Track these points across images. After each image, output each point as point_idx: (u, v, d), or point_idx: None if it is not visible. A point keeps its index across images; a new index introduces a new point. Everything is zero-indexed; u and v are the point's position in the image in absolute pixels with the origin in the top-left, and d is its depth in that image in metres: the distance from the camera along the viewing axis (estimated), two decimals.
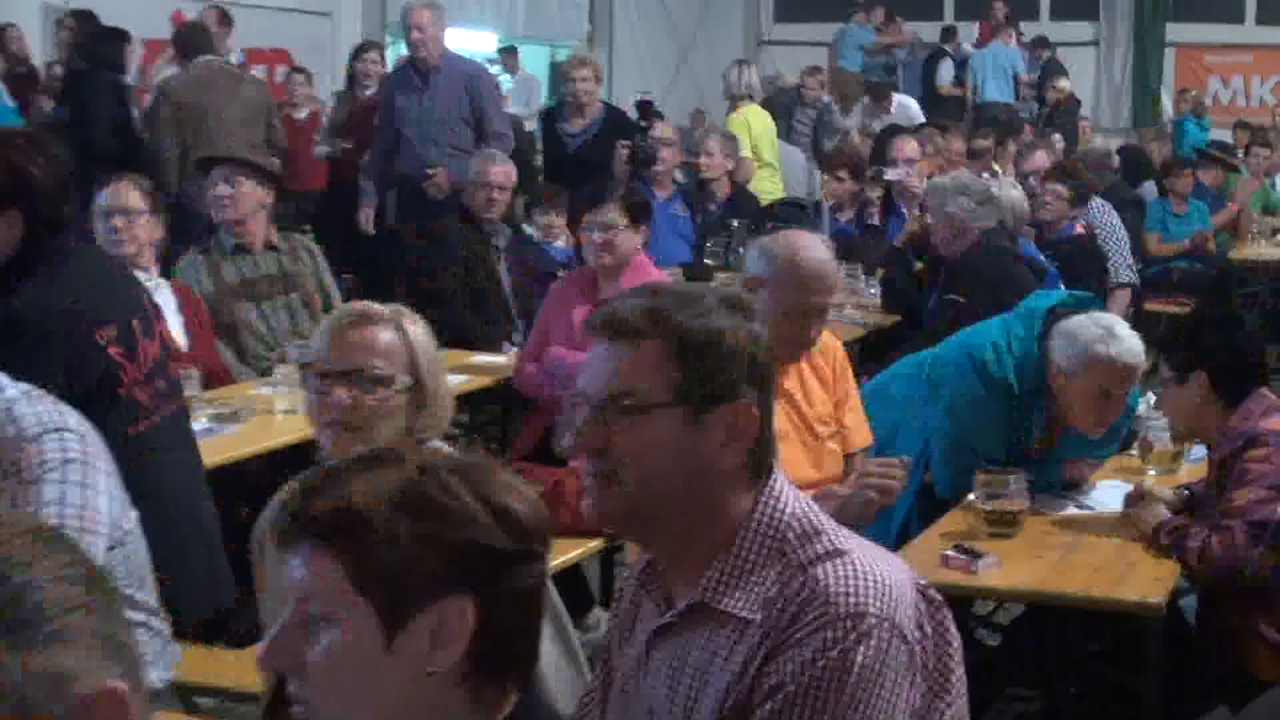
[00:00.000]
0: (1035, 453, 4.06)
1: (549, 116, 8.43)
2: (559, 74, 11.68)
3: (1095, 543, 3.80)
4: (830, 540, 2.11)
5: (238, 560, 3.48)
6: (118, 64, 8.24)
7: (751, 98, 9.83)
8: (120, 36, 8.42)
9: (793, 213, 7.70)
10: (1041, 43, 14.75)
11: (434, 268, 6.33)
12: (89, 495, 2.99)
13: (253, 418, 4.65)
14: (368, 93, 9.52)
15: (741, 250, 7.24)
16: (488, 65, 10.89)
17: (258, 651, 1.72)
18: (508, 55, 12.96)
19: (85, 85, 8.14)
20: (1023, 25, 15.13)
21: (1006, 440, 4.04)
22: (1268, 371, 3.82)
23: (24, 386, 3.09)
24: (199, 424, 4.30)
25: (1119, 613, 3.57)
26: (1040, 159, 8.61)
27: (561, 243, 7.41)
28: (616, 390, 2.10)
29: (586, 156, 7.12)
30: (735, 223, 7.67)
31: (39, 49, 10.13)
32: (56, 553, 1.31)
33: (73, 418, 3.04)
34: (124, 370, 3.66)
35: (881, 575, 2.09)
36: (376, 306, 3.11)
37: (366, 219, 8.22)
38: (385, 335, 2.99)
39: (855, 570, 2.07)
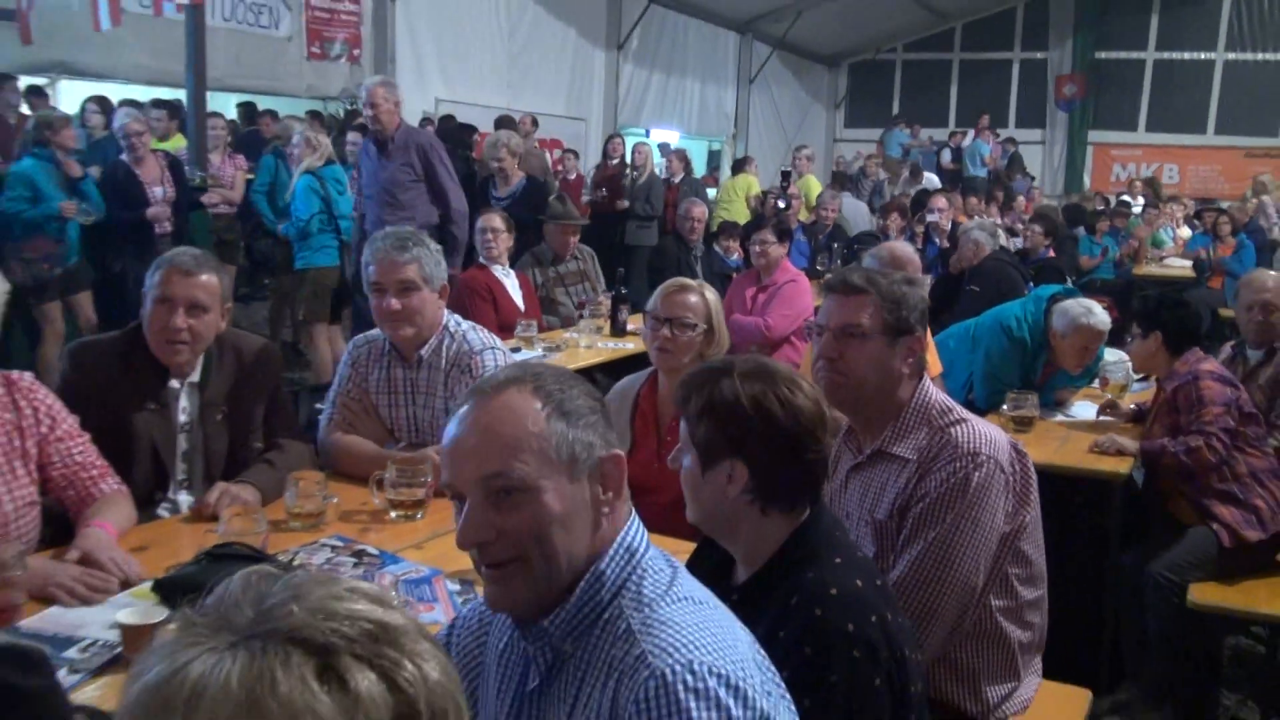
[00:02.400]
0: (1038, 384, 4.23)
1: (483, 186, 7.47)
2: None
3: (1079, 436, 4.06)
4: (958, 414, 2.26)
5: None
6: (468, 145, 9.08)
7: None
8: (470, 129, 9.64)
9: (867, 239, 8.04)
10: (1009, 141, 16.93)
11: (662, 266, 6.74)
12: None
13: (566, 349, 5.22)
14: (611, 163, 11.02)
15: (838, 262, 7.68)
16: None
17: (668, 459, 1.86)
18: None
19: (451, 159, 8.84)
20: (998, 131, 17.49)
21: (1021, 375, 4.26)
22: (1200, 337, 3.95)
23: (470, 323, 3.22)
24: (536, 352, 4.95)
25: (1097, 478, 3.70)
26: (1018, 212, 9.21)
27: (735, 256, 7.69)
28: (845, 323, 2.25)
29: (514, 212, 6.05)
30: (835, 244, 8.04)
31: None
32: (582, 384, 1.41)
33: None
34: None
35: (989, 433, 2.23)
36: (689, 281, 3.26)
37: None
38: (693, 298, 3.12)
39: (973, 430, 2.21)
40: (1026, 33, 19.40)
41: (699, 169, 14.56)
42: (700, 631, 1.25)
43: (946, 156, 16.17)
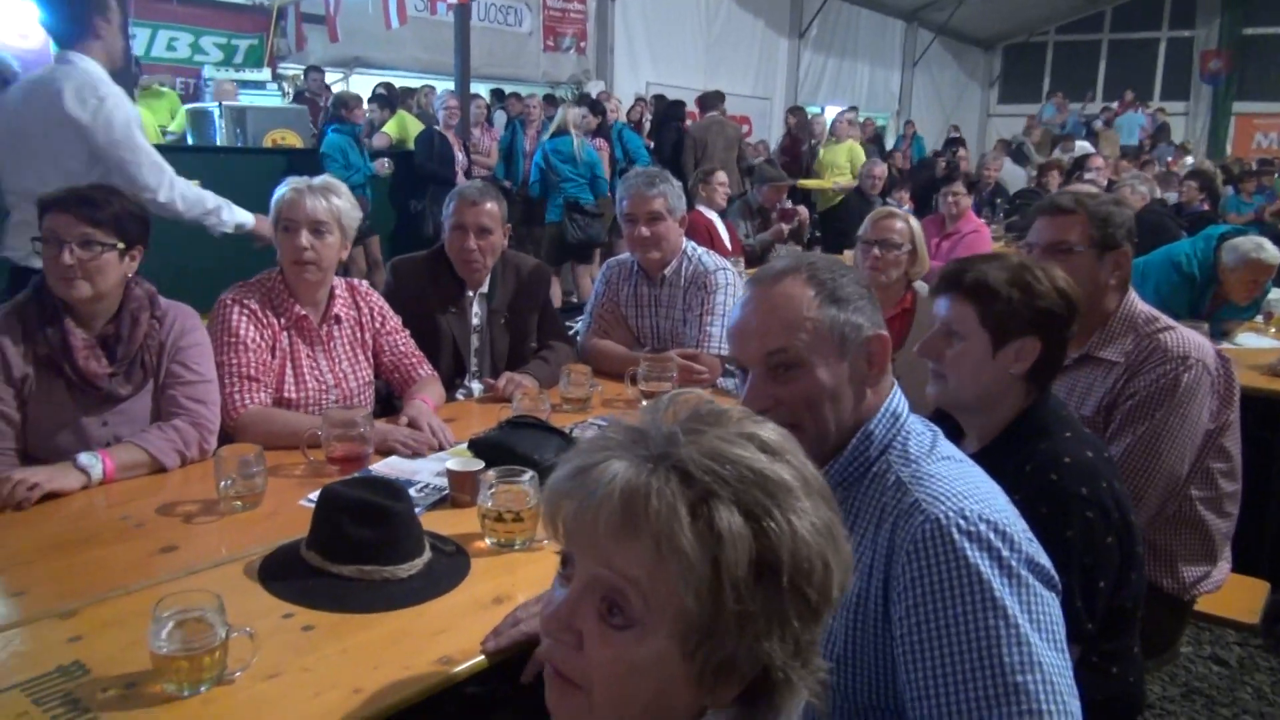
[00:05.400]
0: (1205, 315, 3.83)
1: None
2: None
3: (1248, 360, 3.58)
4: (1165, 322, 2.11)
5: None
6: (679, 117, 8.77)
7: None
8: (681, 104, 9.10)
9: (1029, 194, 7.51)
10: (1159, 111, 15.47)
11: (846, 219, 6.47)
12: None
13: None
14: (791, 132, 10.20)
15: (1000, 215, 7.22)
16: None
17: (915, 348, 1.70)
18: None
19: (666, 129, 8.74)
20: (1147, 103, 16.31)
21: (1189, 308, 3.86)
22: None
23: (704, 248, 3.18)
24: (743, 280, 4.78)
25: (1268, 397, 3.24)
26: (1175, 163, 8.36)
27: (907, 207, 7.24)
28: (1055, 240, 2.12)
29: None
30: (997, 200, 7.53)
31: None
32: (852, 271, 1.34)
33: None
34: None
35: (1195, 339, 2.08)
36: (895, 209, 3.17)
37: None
38: (899, 224, 3.01)
39: (1182, 336, 2.06)
40: (1174, 13, 17.72)
41: None
42: (966, 483, 1.18)
43: (1099, 127, 15.10)
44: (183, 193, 3.01)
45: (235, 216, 3.13)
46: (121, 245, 2.03)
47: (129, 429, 2.09)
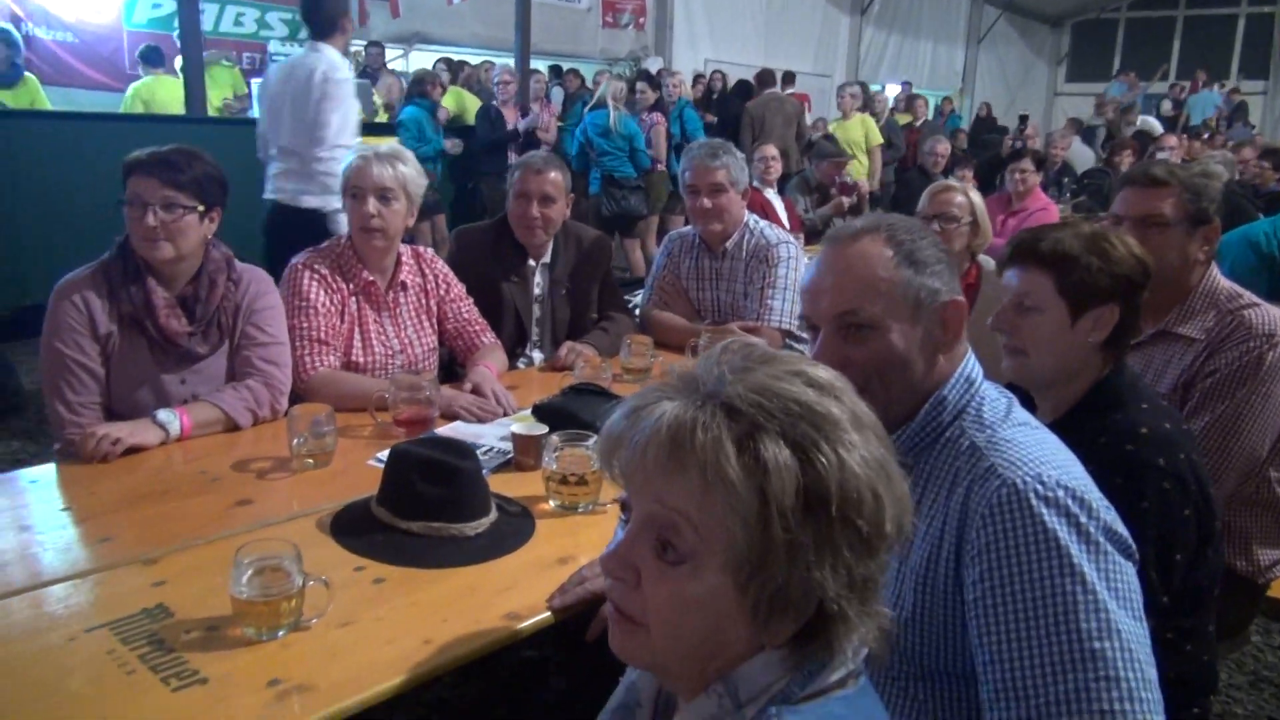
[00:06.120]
0: None
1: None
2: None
3: None
4: (1249, 299, 2.03)
5: None
6: (748, 96, 8.76)
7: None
8: (747, 84, 9.10)
9: (1097, 174, 7.29)
10: (1234, 91, 14.83)
11: (909, 198, 6.31)
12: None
13: None
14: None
15: (1067, 195, 7.00)
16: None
17: (989, 322, 1.64)
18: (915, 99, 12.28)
19: (729, 106, 8.81)
20: (1223, 82, 15.53)
21: (1267, 287, 3.73)
22: None
23: (766, 221, 3.14)
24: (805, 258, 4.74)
25: None
26: (1249, 151, 7.83)
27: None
28: (1148, 213, 2.05)
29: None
30: (1064, 179, 7.35)
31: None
32: (931, 234, 1.31)
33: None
34: None
35: (1277, 315, 2.00)
36: (954, 183, 3.17)
37: None
38: (958, 197, 3.03)
39: (1267, 314, 1.99)
40: None
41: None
42: (1043, 449, 1.16)
43: (1167, 106, 14.56)
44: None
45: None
46: (201, 207, 2.08)
47: (205, 387, 2.14)
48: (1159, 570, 1.39)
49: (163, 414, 2.01)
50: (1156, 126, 11.50)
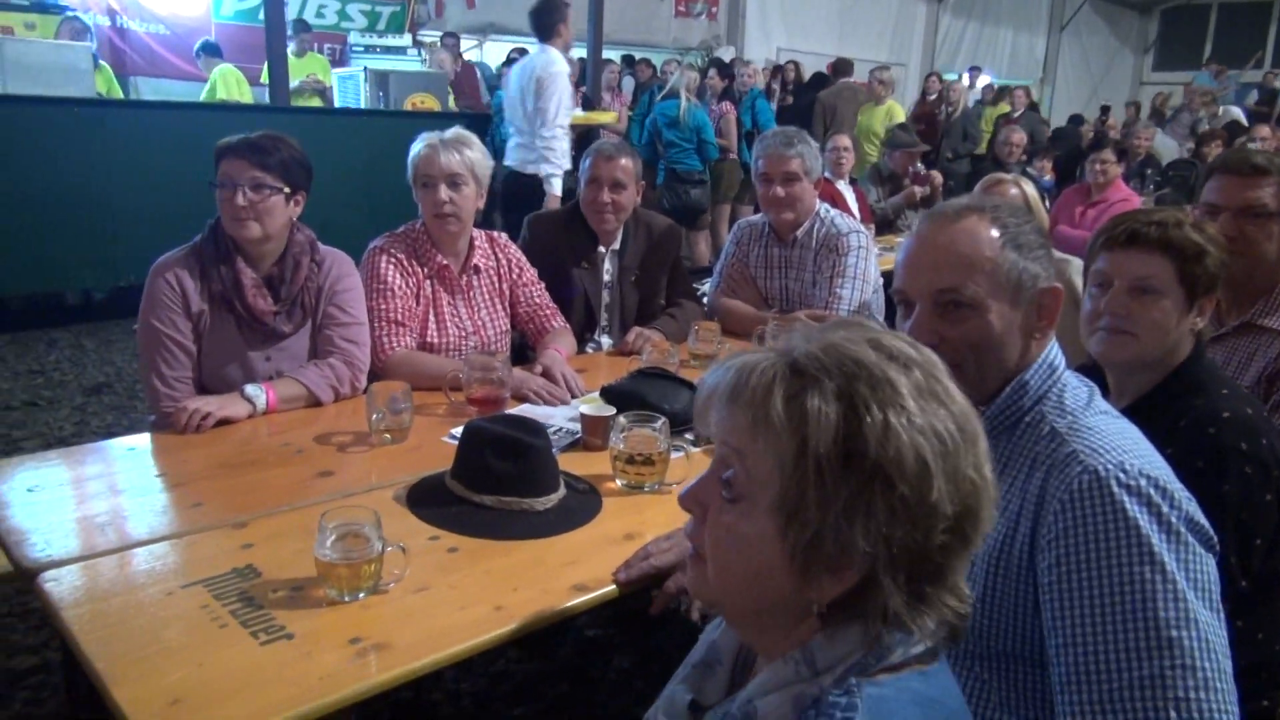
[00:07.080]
0: None
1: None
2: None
3: None
4: None
5: None
6: (820, 85, 8.82)
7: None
8: (820, 75, 9.13)
9: (1182, 165, 7.03)
10: None
11: None
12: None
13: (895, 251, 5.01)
14: (929, 99, 10.12)
15: (1150, 187, 6.78)
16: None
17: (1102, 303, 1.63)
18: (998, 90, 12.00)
19: (801, 96, 8.90)
20: None
21: None
22: None
23: (837, 211, 3.14)
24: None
25: None
26: None
27: (1048, 177, 6.91)
28: (1249, 203, 2.01)
29: None
30: (1148, 171, 7.11)
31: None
32: (1035, 219, 1.32)
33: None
34: None
35: None
36: (1004, 175, 3.16)
37: None
38: (1011, 190, 3.04)
39: None
40: None
41: None
42: (1125, 438, 1.16)
43: (1253, 96, 13.93)
44: (558, 149, 4.93)
45: (555, 189, 4.94)
46: (287, 189, 2.17)
47: (289, 365, 2.23)
48: (1238, 555, 1.36)
49: (250, 389, 2.10)
50: (1237, 114, 11.04)
